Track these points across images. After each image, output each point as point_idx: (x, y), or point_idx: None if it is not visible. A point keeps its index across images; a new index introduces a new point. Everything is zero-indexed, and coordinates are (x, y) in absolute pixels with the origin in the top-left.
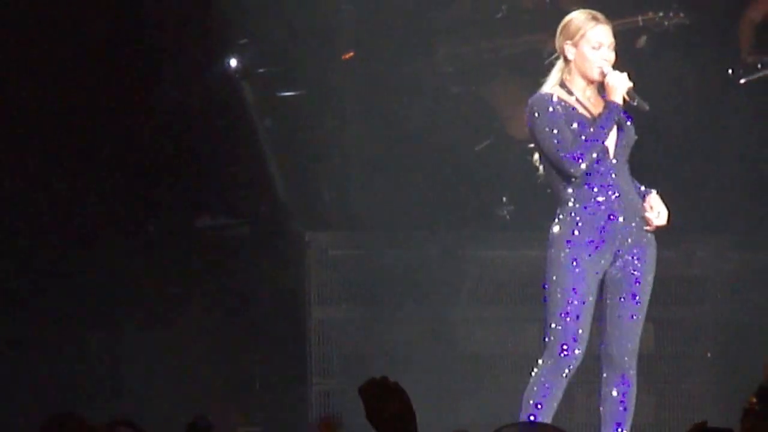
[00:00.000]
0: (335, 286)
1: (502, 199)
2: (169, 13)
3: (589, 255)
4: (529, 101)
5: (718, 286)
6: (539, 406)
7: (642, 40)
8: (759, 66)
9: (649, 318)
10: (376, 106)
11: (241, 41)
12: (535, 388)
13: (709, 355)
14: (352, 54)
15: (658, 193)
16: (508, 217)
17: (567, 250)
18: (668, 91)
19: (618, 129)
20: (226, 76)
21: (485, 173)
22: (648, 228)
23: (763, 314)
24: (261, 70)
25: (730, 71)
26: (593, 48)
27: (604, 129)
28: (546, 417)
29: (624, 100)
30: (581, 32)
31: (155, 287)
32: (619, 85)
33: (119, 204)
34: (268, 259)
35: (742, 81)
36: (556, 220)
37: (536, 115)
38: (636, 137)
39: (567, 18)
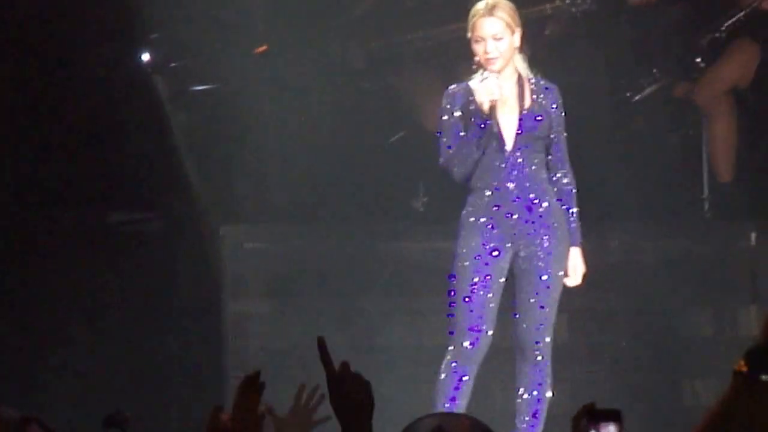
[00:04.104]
0: (251, 279)
1: (418, 191)
2: (79, 7)
3: (489, 245)
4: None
5: (633, 274)
6: (451, 397)
7: (550, 28)
8: (645, 84)
9: (563, 307)
10: (290, 98)
11: (153, 35)
12: (444, 380)
13: (624, 344)
14: (265, 47)
15: (580, 245)
16: (422, 209)
17: (468, 240)
18: (579, 80)
19: (519, 120)
20: (138, 70)
21: (399, 165)
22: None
23: (677, 303)
24: (173, 64)
25: (628, 94)
26: (475, 42)
27: (470, 137)
28: (459, 408)
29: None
30: (470, 26)
31: (67, 282)
32: (483, 94)
33: (30, 199)
34: (183, 253)
35: (636, 99)
36: (464, 208)
37: (441, 112)
38: (546, 128)
39: None
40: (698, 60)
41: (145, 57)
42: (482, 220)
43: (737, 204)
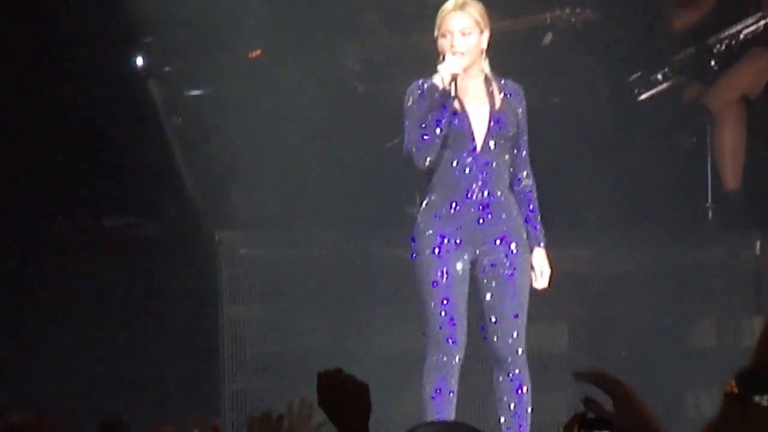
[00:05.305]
0: (247, 285)
1: (414, 198)
2: (74, 11)
3: (448, 249)
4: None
5: (635, 283)
6: (433, 408)
7: (548, 38)
8: (660, 78)
9: (562, 317)
10: (285, 104)
11: (146, 39)
12: (427, 388)
13: (623, 353)
14: (259, 52)
15: (544, 246)
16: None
17: (427, 242)
18: (576, 87)
19: (489, 120)
20: (132, 74)
21: (395, 172)
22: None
23: (680, 312)
24: (167, 69)
25: (636, 91)
26: (442, 37)
27: (433, 119)
28: (446, 412)
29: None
30: (438, 23)
31: (64, 287)
32: (445, 69)
33: (26, 204)
34: (179, 259)
35: (642, 98)
36: (420, 209)
37: (406, 102)
38: (515, 129)
39: None
40: (713, 63)
41: (139, 61)
42: (442, 220)
43: (742, 212)
